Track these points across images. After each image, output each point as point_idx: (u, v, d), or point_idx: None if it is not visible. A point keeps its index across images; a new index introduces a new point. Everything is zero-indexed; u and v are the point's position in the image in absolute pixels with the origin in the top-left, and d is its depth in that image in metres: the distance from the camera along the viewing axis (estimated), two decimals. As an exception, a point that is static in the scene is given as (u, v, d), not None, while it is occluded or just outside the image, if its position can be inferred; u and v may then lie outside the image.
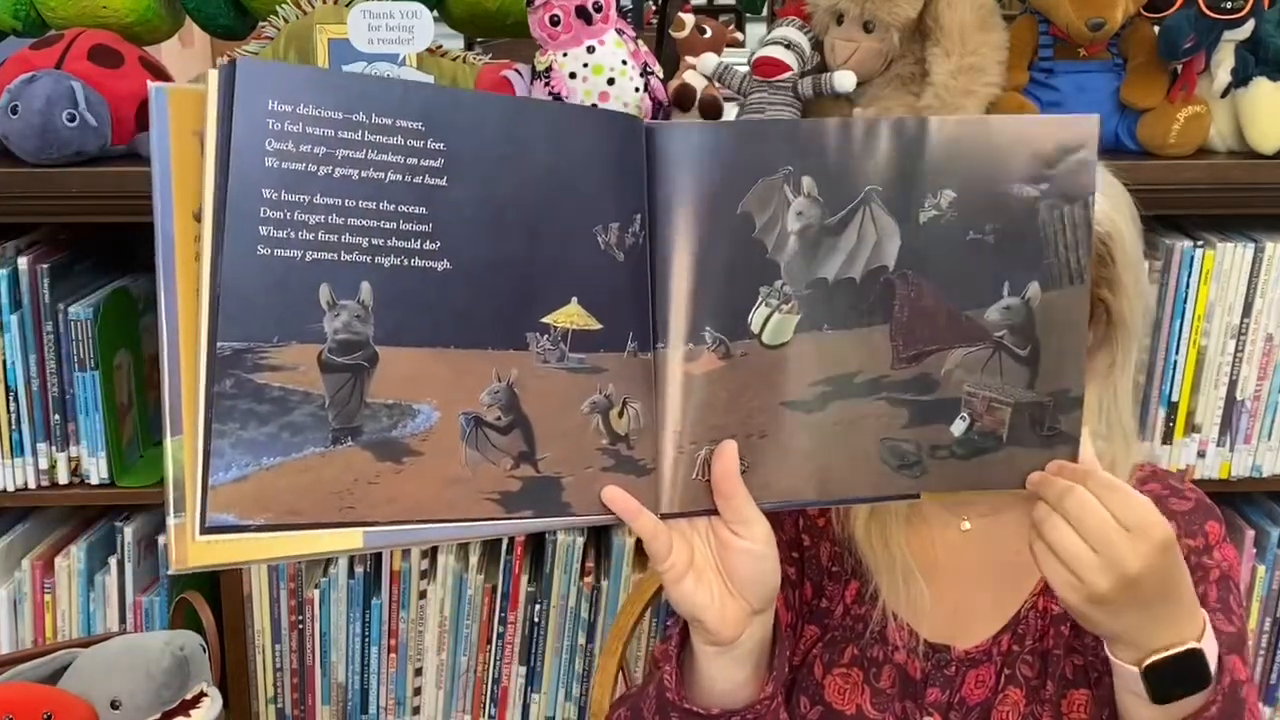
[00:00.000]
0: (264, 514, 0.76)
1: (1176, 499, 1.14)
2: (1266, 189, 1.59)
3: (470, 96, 0.91)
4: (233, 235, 0.74)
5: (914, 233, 0.87)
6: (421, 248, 0.79)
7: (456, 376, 0.81)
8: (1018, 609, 1.13)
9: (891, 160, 0.87)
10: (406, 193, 0.78)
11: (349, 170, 0.77)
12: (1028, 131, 0.89)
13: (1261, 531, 1.73)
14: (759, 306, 0.87)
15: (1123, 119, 1.61)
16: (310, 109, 0.75)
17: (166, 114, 0.75)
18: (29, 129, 1.52)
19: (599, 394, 0.85)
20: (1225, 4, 1.52)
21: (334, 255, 0.77)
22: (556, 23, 1.56)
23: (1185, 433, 1.66)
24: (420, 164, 0.79)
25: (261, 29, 1.69)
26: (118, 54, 1.62)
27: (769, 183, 0.85)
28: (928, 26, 1.58)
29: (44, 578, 1.71)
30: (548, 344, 0.84)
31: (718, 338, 0.87)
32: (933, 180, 0.87)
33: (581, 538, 1.74)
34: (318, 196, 0.76)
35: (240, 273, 0.74)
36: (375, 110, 0.77)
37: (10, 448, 1.63)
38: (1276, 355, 1.64)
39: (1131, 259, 1.11)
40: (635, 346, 0.86)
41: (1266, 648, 1.76)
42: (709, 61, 1.61)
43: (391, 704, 1.78)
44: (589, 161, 0.84)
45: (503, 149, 0.81)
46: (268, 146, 0.74)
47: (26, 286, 1.60)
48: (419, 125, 0.78)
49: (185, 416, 0.76)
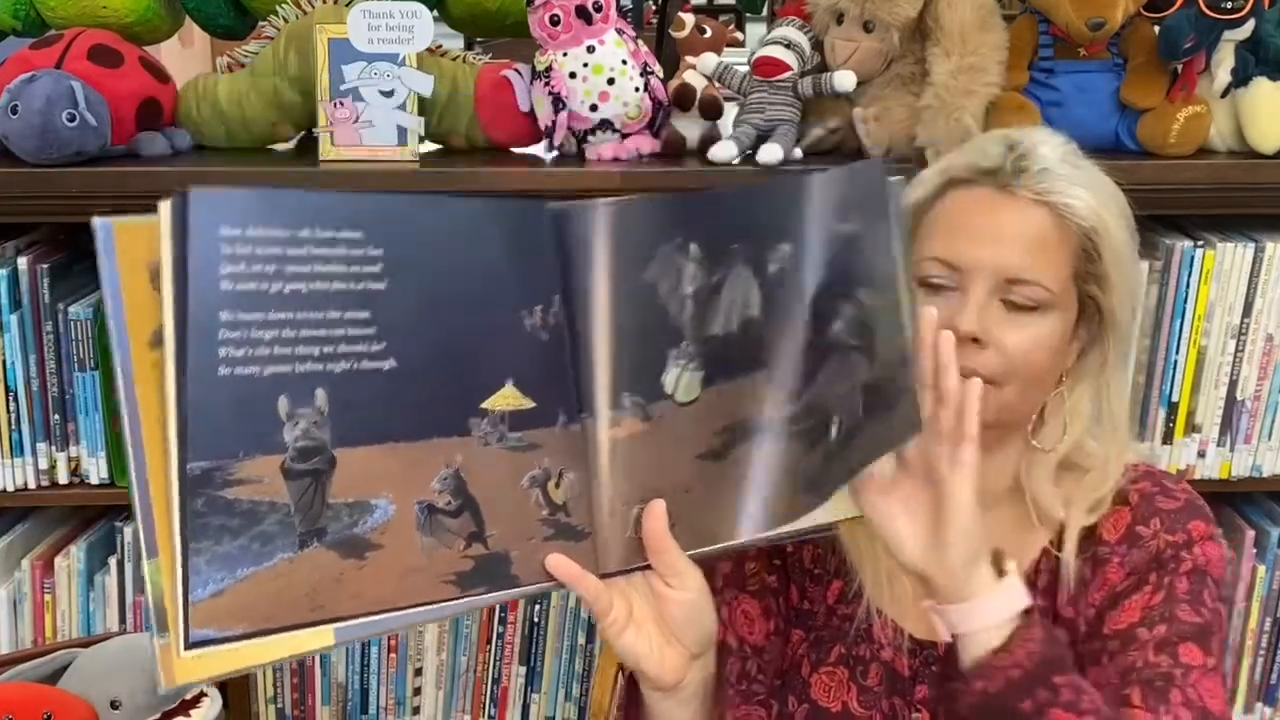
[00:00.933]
0: (242, 624, 0.80)
1: (1165, 497, 1.14)
2: (1266, 189, 1.59)
3: (400, 200, 0.96)
4: (195, 359, 0.76)
5: (769, 283, 0.92)
6: (369, 350, 0.82)
7: (408, 468, 0.85)
8: None
9: (747, 220, 0.92)
10: (351, 299, 0.81)
11: (298, 284, 0.79)
12: (825, 182, 0.94)
13: (1261, 531, 1.73)
14: (670, 368, 0.91)
15: (1123, 119, 1.61)
16: (259, 230, 0.77)
17: (114, 249, 0.78)
18: (29, 129, 1.52)
19: (537, 468, 0.89)
20: (1225, 4, 1.52)
21: (290, 367, 0.79)
22: (556, 22, 1.56)
23: (1185, 433, 1.66)
24: (362, 270, 0.81)
25: (261, 29, 1.69)
26: (117, 54, 1.62)
27: (667, 252, 0.90)
28: (928, 26, 1.58)
29: (44, 578, 1.71)
30: (488, 427, 0.87)
31: (637, 403, 0.91)
32: (777, 234, 0.92)
33: (581, 538, 1.74)
34: (271, 313, 0.78)
35: (205, 394, 0.77)
36: (318, 224, 0.79)
37: (10, 448, 1.63)
38: (1277, 355, 1.64)
39: (1120, 255, 1.11)
40: (565, 420, 0.90)
41: (1266, 647, 1.75)
42: (709, 61, 1.61)
43: (391, 704, 1.78)
44: (507, 250, 0.87)
45: (433, 247, 0.85)
46: (222, 270, 0.76)
47: (26, 286, 1.60)
48: (358, 234, 0.81)
49: (160, 538, 0.78)
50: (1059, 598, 1.12)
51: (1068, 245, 1.10)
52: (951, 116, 1.53)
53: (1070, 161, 1.12)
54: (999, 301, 1.08)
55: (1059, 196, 1.09)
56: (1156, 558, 1.10)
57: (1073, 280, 1.11)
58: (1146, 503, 1.13)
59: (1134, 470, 1.16)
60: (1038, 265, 1.08)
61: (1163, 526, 1.11)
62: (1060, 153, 1.13)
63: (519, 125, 1.65)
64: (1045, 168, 1.10)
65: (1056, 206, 1.09)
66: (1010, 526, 1.15)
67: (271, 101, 1.65)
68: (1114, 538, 1.12)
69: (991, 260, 1.08)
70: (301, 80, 1.62)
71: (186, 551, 0.77)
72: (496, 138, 1.66)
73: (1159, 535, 1.11)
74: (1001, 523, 1.14)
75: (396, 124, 1.59)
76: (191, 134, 1.67)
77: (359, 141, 1.60)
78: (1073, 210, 1.09)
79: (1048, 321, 1.09)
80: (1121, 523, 1.13)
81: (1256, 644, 1.75)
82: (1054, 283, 1.09)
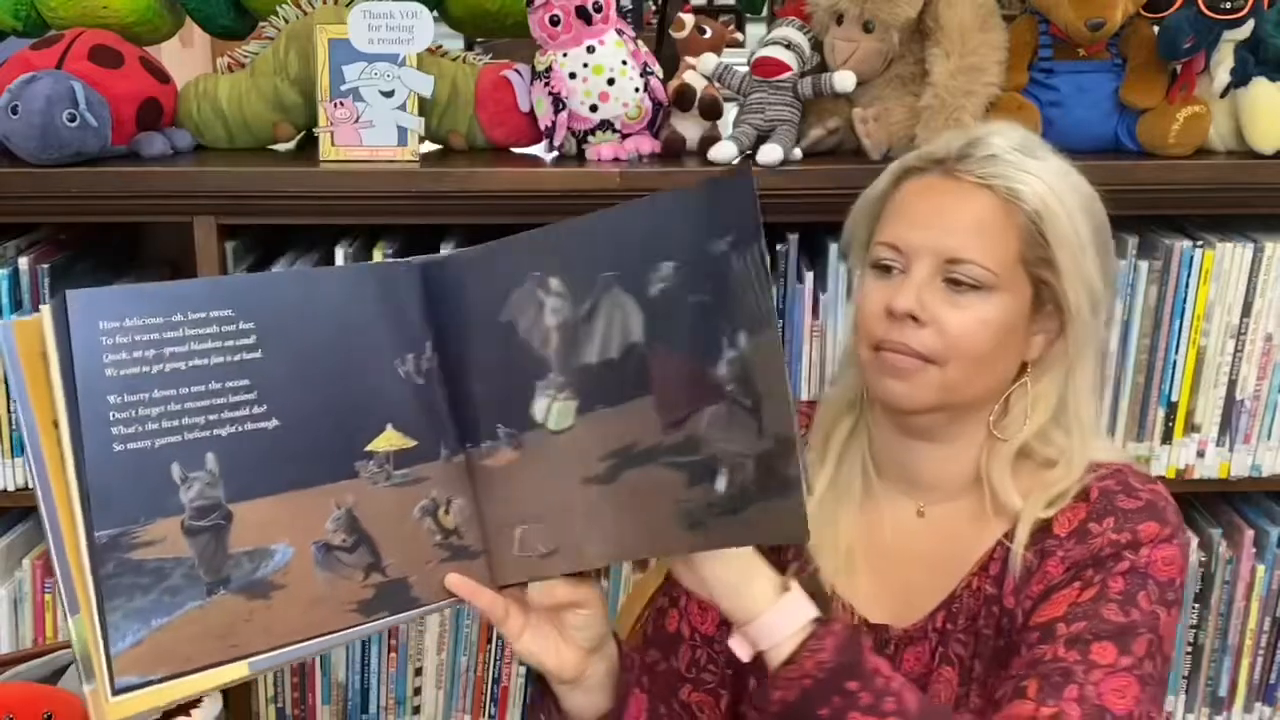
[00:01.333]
0: (163, 668, 0.89)
1: (1127, 497, 1.14)
2: (1266, 189, 1.60)
3: (265, 279, 1.08)
4: (90, 440, 0.87)
5: (651, 306, 0.95)
6: (251, 413, 0.93)
7: (302, 514, 0.94)
8: (954, 588, 1.16)
9: (616, 246, 0.96)
10: (230, 370, 0.92)
11: (178, 363, 0.90)
12: (693, 196, 0.95)
13: (1261, 531, 1.73)
14: (538, 399, 0.98)
15: (1122, 119, 1.62)
16: (135, 320, 0.88)
17: (14, 344, 0.88)
18: (29, 129, 1.52)
19: (426, 499, 0.99)
20: (1225, 4, 1.52)
21: (179, 437, 0.90)
22: (556, 23, 1.56)
23: (1185, 432, 1.66)
24: (236, 343, 0.92)
25: (261, 29, 1.69)
26: (118, 54, 1.63)
27: (521, 292, 0.98)
28: (928, 26, 1.58)
29: (44, 577, 1.71)
30: (374, 468, 0.97)
31: (509, 433, 0.99)
32: (652, 255, 0.94)
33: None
34: (155, 391, 0.89)
35: (102, 470, 0.87)
36: (189, 308, 0.91)
37: (10, 447, 1.63)
38: (1276, 355, 1.64)
39: (1068, 238, 1.12)
40: (448, 453, 1.00)
41: (1266, 647, 1.76)
42: (709, 62, 1.61)
43: (392, 704, 1.78)
44: (377, 307, 0.98)
45: (302, 315, 0.95)
46: (105, 359, 0.87)
47: (27, 286, 1.60)
48: (228, 312, 0.92)
49: (79, 597, 0.88)
50: (1005, 586, 1.14)
51: (1012, 228, 1.11)
52: (951, 117, 1.53)
53: (1026, 150, 1.14)
54: (942, 281, 1.12)
55: (1002, 180, 1.12)
56: (1095, 555, 1.10)
57: (1022, 264, 1.12)
58: (1105, 500, 1.13)
59: (1105, 468, 1.16)
60: (977, 245, 1.11)
61: (1113, 525, 1.12)
62: (1015, 142, 1.15)
63: (519, 125, 1.65)
64: (993, 154, 1.13)
65: (999, 190, 1.11)
66: (969, 515, 1.17)
67: (272, 101, 1.65)
68: (1064, 532, 1.13)
69: (932, 241, 1.12)
70: (302, 80, 1.63)
71: (103, 610, 0.87)
72: (496, 138, 1.66)
73: (1106, 534, 1.11)
74: (960, 512, 1.17)
75: (397, 124, 1.59)
76: (192, 134, 1.68)
77: (359, 142, 1.60)
78: (1016, 194, 1.11)
79: (990, 302, 1.11)
80: (1076, 518, 1.13)
81: (1256, 644, 1.75)
82: (994, 263, 1.11)
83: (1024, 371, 1.17)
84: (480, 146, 1.67)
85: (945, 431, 1.17)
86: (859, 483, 1.22)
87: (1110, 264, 1.18)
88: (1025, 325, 1.14)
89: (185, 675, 0.91)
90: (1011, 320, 1.13)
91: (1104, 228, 1.16)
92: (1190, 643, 1.76)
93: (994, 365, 1.14)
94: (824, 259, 1.63)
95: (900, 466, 1.20)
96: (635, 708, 1.11)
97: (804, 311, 1.62)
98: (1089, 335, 1.16)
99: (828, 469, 1.22)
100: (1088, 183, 1.17)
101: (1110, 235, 1.18)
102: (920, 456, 1.19)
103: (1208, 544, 1.73)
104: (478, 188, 1.56)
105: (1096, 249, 1.15)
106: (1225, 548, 1.73)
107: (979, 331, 1.11)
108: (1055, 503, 1.14)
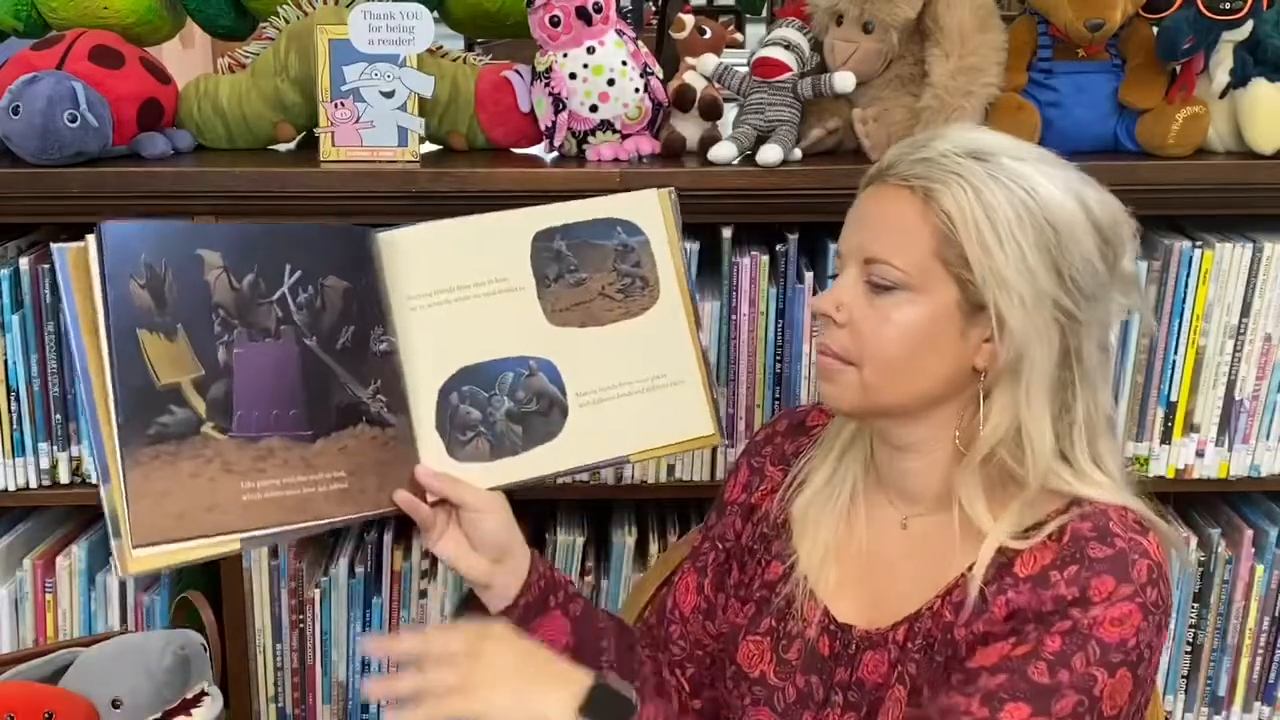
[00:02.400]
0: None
1: (1100, 543, 1.07)
2: (1265, 189, 1.60)
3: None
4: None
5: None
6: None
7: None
8: (919, 606, 1.14)
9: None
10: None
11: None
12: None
13: (1260, 531, 1.74)
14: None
15: (1121, 119, 1.62)
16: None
17: (67, 265, 1.09)
18: (30, 129, 1.52)
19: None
20: (1224, 4, 1.53)
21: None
22: (557, 23, 1.56)
23: (1184, 432, 1.67)
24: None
25: (262, 29, 1.69)
26: (119, 55, 1.63)
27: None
28: (927, 27, 1.58)
29: (45, 577, 1.71)
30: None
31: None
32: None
33: (582, 538, 1.74)
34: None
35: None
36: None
37: (11, 447, 1.64)
38: (1275, 355, 1.65)
39: (982, 237, 1.06)
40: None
41: (1265, 647, 1.76)
42: (709, 62, 1.61)
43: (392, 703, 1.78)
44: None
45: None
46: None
47: (27, 286, 1.61)
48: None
49: (111, 468, 1.08)
50: (959, 616, 1.11)
51: (927, 226, 1.08)
52: (950, 117, 1.53)
53: (975, 153, 1.09)
54: (864, 283, 1.12)
55: (922, 181, 1.09)
56: (1038, 610, 1.06)
57: (940, 264, 1.08)
58: (1075, 545, 1.08)
59: (1092, 507, 1.10)
60: (890, 245, 1.10)
61: (1071, 575, 1.06)
62: (960, 144, 1.10)
63: (519, 126, 1.65)
64: (925, 157, 1.10)
65: (918, 190, 1.09)
66: (951, 534, 1.13)
67: (272, 102, 1.65)
68: (1025, 573, 1.08)
69: (855, 244, 1.13)
70: (302, 81, 1.63)
71: (127, 483, 1.07)
72: (497, 138, 1.66)
73: (1059, 586, 1.06)
74: (943, 528, 1.15)
75: (397, 124, 1.60)
76: (192, 134, 1.68)
77: (360, 142, 1.60)
78: (932, 193, 1.08)
79: (906, 303, 1.09)
80: (1041, 561, 1.08)
81: (1255, 643, 1.76)
82: (906, 263, 1.09)
83: (979, 377, 1.12)
84: (480, 147, 1.68)
85: (912, 440, 1.15)
86: (850, 485, 1.22)
87: (1084, 279, 1.09)
88: (958, 328, 1.10)
89: (188, 541, 1.10)
90: (931, 321, 1.09)
91: (1069, 239, 1.08)
92: (1189, 642, 1.76)
93: (918, 368, 1.11)
94: (824, 259, 1.63)
95: (888, 475, 1.20)
96: (553, 626, 1.23)
97: (804, 311, 1.63)
98: (1036, 349, 1.08)
99: (827, 466, 1.23)
100: (1068, 190, 1.09)
101: (1089, 254, 1.09)
102: (899, 466, 1.18)
103: (1207, 544, 1.74)
104: (478, 188, 1.56)
105: (1042, 257, 1.07)
106: (1224, 547, 1.73)
107: (887, 331, 1.10)
108: (1027, 535, 1.10)
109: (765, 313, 1.63)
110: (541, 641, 1.17)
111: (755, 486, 1.30)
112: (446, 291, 1.25)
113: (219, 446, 1.11)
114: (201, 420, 1.11)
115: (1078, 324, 1.10)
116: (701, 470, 1.69)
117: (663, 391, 1.30)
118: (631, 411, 1.28)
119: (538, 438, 1.25)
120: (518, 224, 1.28)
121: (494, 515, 1.21)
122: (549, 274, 1.27)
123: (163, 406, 1.10)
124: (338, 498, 1.16)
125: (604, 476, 1.68)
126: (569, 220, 1.29)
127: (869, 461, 1.22)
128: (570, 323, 1.27)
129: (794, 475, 1.26)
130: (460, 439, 1.23)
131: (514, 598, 1.22)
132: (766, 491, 1.29)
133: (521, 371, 1.25)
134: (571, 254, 1.28)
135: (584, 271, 1.28)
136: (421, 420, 1.22)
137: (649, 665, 1.31)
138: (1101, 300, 1.11)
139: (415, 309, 1.23)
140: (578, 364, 1.27)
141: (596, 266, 1.29)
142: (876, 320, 1.10)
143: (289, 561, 1.72)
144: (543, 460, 1.25)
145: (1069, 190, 1.09)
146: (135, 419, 1.08)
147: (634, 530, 1.76)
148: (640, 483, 1.69)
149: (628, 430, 1.28)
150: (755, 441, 1.34)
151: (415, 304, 1.23)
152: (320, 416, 1.16)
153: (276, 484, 1.13)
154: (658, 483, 1.69)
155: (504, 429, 1.24)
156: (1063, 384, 1.11)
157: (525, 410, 1.25)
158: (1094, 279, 1.09)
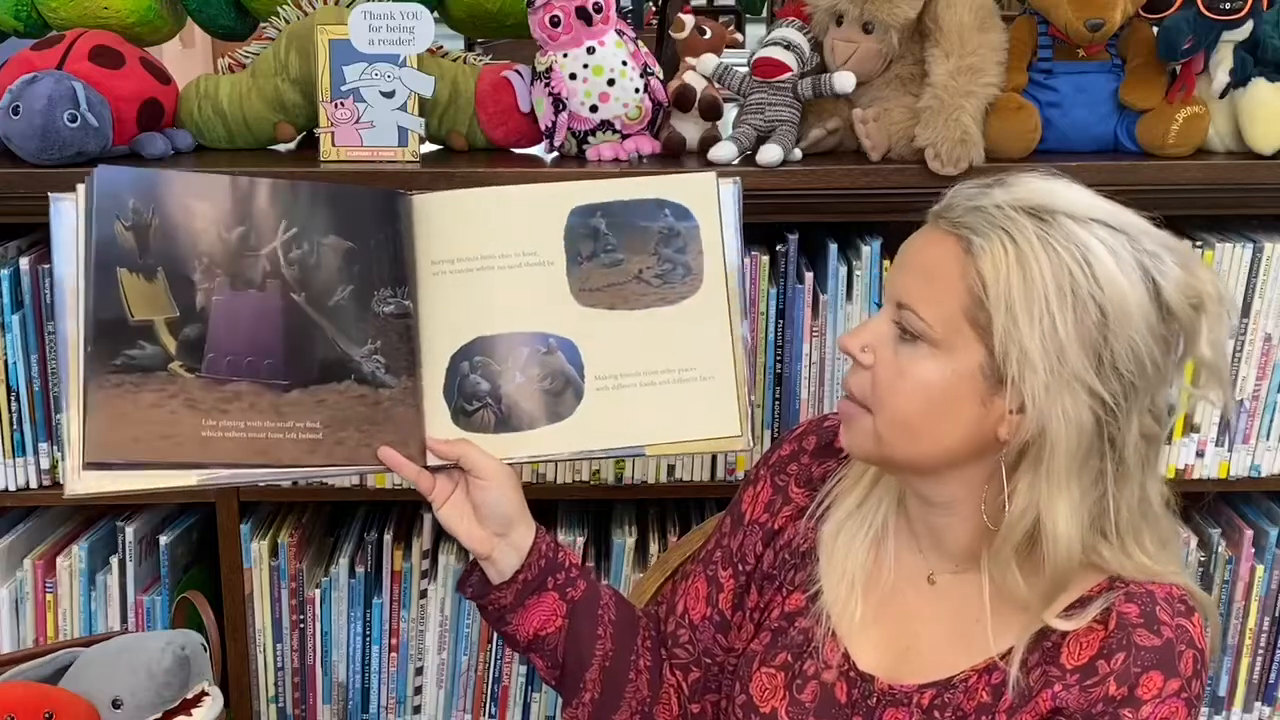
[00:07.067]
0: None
1: (1147, 631, 1.02)
2: (1265, 189, 1.60)
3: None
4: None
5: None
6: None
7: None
8: (952, 675, 1.10)
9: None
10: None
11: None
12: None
13: (1260, 531, 1.74)
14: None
15: (1121, 120, 1.62)
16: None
17: (60, 212, 1.16)
18: (30, 129, 1.52)
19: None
20: (1224, 5, 1.53)
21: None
22: (557, 23, 1.56)
23: (1184, 432, 1.67)
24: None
25: (262, 30, 1.70)
26: (119, 55, 1.63)
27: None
28: (927, 27, 1.58)
29: (45, 577, 1.71)
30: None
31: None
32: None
33: (581, 538, 1.74)
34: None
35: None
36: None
37: (11, 447, 1.64)
38: (1275, 355, 1.65)
39: (1012, 303, 0.98)
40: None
41: (1265, 647, 1.76)
42: (709, 62, 1.61)
43: (392, 703, 1.78)
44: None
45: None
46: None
47: (28, 286, 1.61)
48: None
49: (71, 394, 1.12)
50: (1001, 702, 1.06)
51: (960, 281, 1.01)
52: (950, 117, 1.53)
53: (1034, 210, 1.01)
54: (895, 325, 1.06)
55: (969, 231, 1.01)
56: (1087, 712, 1.01)
57: (969, 323, 1.02)
58: (1123, 632, 1.02)
59: (1135, 587, 1.05)
60: (922, 294, 1.04)
61: (1118, 669, 1.01)
62: (1022, 199, 1.02)
63: (519, 126, 1.65)
64: (980, 205, 1.03)
65: (963, 240, 1.02)
66: (968, 601, 1.10)
67: (272, 102, 1.65)
68: (1072, 664, 1.04)
69: (895, 283, 1.08)
70: (302, 81, 1.63)
71: (86, 405, 1.11)
72: (497, 138, 1.66)
73: (1107, 681, 1.01)
74: (972, 587, 1.10)
75: (397, 124, 1.60)
76: (193, 135, 1.68)
77: (360, 142, 1.60)
78: (972, 246, 1.01)
79: (925, 358, 1.03)
80: (1088, 650, 1.04)
81: (1255, 643, 1.76)
82: (933, 316, 1.02)
83: (1000, 446, 1.04)
84: (480, 147, 1.68)
85: (940, 499, 1.10)
86: (882, 514, 1.16)
87: (1129, 368, 1.00)
88: (979, 394, 1.02)
89: (141, 468, 1.12)
90: (950, 382, 1.03)
91: (1118, 322, 0.99)
92: (1189, 642, 1.76)
93: (929, 428, 1.04)
94: (824, 259, 1.63)
95: (918, 524, 1.15)
96: (545, 607, 1.22)
97: (804, 311, 1.63)
98: (1060, 434, 0.99)
99: (859, 490, 1.18)
100: (1135, 265, 1.00)
101: (1141, 342, 1.00)
102: (928, 520, 1.13)
103: (1207, 544, 1.74)
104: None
105: (1078, 336, 0.99)
106: (1225, 547, 1.73)
107: (901, 385, 1.04)
108: (1069, 614, 1.05)
109: (765, 313, 1.63)
110: (527, 621, 1.21)
111: (778, 509, 1.24)
112: (471, 260, 1.23)
113: (184, 383, 1.14)
114: (170, 358, 1.13)
115: (1115, 415, 1.01)
116: (702, 470, 1.69)
117: (690, 386, 1.24)
118: (652, 402, 1.24)
119: (547, 417, 1.23)
120: (556, 197, 1.25)
121: (500, 486, 1.20)
122: (582, 251, 1.24)
123: (132, 340, 1.13)
124: (307, 446, 1.16)
125: (604, 476, 1.68)
126: (613, 198, 1.25)
127: (902, 495, 1.16)
128: (599, 304, 1.24)
129: (821, 500, 1.21)
130: (466, 408, 1.22)
131: (512, 573, 1.21)
132: (790, 516, 1.23)
133: (539, 348, 1.23)
134: (611, 233, 1.24)
135: (621, 252, 1.24)
136: (430, 385, 1.21)
137: (647, 664, 1.27)
138: (1152, 392, 1.03)
139: (438, 273, 1.22)
140: (600, 346, 1.23)
141: (636, 248, 1.25)
142: (894, 371, 1.05)
143: (289, 561, 1.72)
144: (549, 440, 1.23)
145: (1135, 266, 1.00)
146: (103, 349, 1.12)
147: (634, 530, 1.76)
148: (640, 483, 1.69)
149: (646, 421, 1.24)
150: (780, 456, 1.26)
151: (439, 269, 1.22)
152: (300, 369, 1.17)
153: (240, 425, 1.14)
154: (658, 483, 1.69)
155: (511, 404, 1.22)
156: (1096, 473, 1.03)
157: (537, 387, 1.23)
158: (1141, 369, 1.00)
